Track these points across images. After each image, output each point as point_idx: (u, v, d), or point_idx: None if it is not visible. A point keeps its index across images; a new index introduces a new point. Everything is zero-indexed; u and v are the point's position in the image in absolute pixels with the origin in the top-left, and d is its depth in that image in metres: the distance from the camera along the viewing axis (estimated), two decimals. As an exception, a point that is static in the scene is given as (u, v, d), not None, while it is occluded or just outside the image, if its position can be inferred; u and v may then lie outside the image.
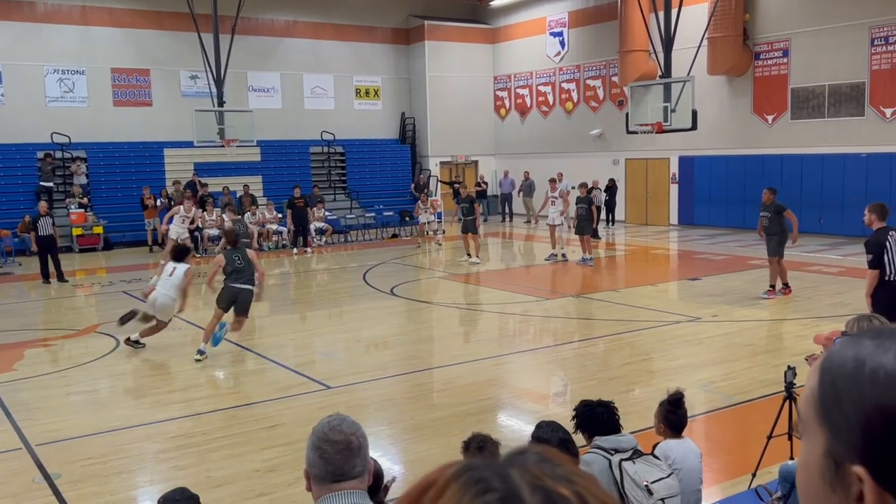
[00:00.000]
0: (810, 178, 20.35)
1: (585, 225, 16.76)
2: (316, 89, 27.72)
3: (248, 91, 26.14)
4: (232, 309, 9.87)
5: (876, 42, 18.96)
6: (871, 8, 18.87)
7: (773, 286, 13.01)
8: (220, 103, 21.04)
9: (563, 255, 17.58)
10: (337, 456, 2.34)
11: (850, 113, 19.63)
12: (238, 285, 9.83)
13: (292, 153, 26.57)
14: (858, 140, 19.40)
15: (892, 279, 7.98)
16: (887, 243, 7.97)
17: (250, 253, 10.30)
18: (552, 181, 19.01)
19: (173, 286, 10.01)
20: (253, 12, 24.81)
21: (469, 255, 17.75)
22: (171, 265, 10.26)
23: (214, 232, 20.37)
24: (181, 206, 18.68)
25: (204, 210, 20.51)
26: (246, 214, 21.14)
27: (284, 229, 21.69)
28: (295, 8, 26.82)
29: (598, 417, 4.05)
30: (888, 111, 18.84)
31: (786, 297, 12.82)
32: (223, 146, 21.39)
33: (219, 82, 21.10)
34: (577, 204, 16.87)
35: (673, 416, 4.61)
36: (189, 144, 22.26)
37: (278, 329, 12.10)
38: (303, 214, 21.00)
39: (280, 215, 21.85)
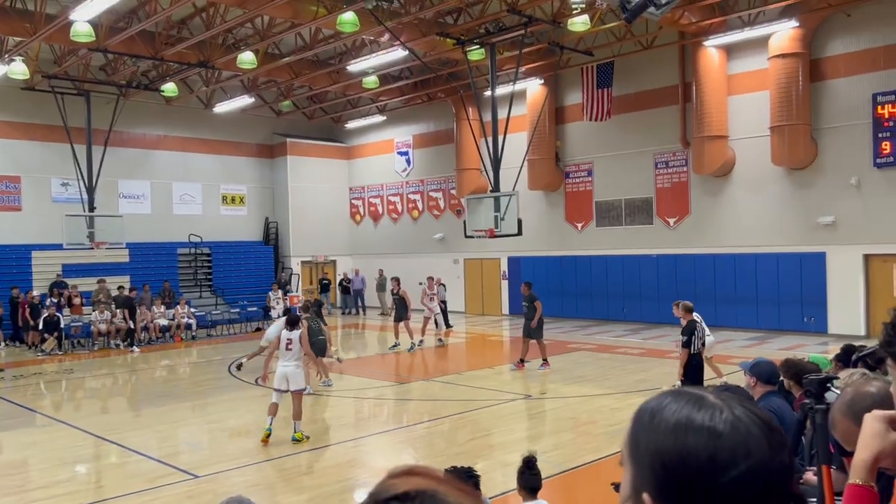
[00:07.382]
0: (614, 275, 21.83)
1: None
2: (184, 196, 26.86)
3: (118, 197, 24.88)
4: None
5: (659, 165, 20.98)
6: (653, 139, 20.95)
7: (523, 360, 14.17)
8: (91, 209, 19.97)
9: (421, 342, 17.65)
10: None
11: (642, 222, 21.40)
12: None
13: (160, 254, 25.35)
14: (649, 244, 21.13)
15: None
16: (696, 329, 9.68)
17: None
18: (430, 279, 19.17)
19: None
20: (125, 126, 23.97)
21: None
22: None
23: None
24: None
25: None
26: (94, 313, 19.70)
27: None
28: (165, 123, 26.12)
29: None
30: (671, 220, 20.74)
31: (545, 371, 13.82)
32: (92, 248, 20.14)
33: (90, 189, 20.07)
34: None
35: (528, 476, 4.70)
36: (58, 247, 20.80)
37: (142, 422, 11.24)
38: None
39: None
